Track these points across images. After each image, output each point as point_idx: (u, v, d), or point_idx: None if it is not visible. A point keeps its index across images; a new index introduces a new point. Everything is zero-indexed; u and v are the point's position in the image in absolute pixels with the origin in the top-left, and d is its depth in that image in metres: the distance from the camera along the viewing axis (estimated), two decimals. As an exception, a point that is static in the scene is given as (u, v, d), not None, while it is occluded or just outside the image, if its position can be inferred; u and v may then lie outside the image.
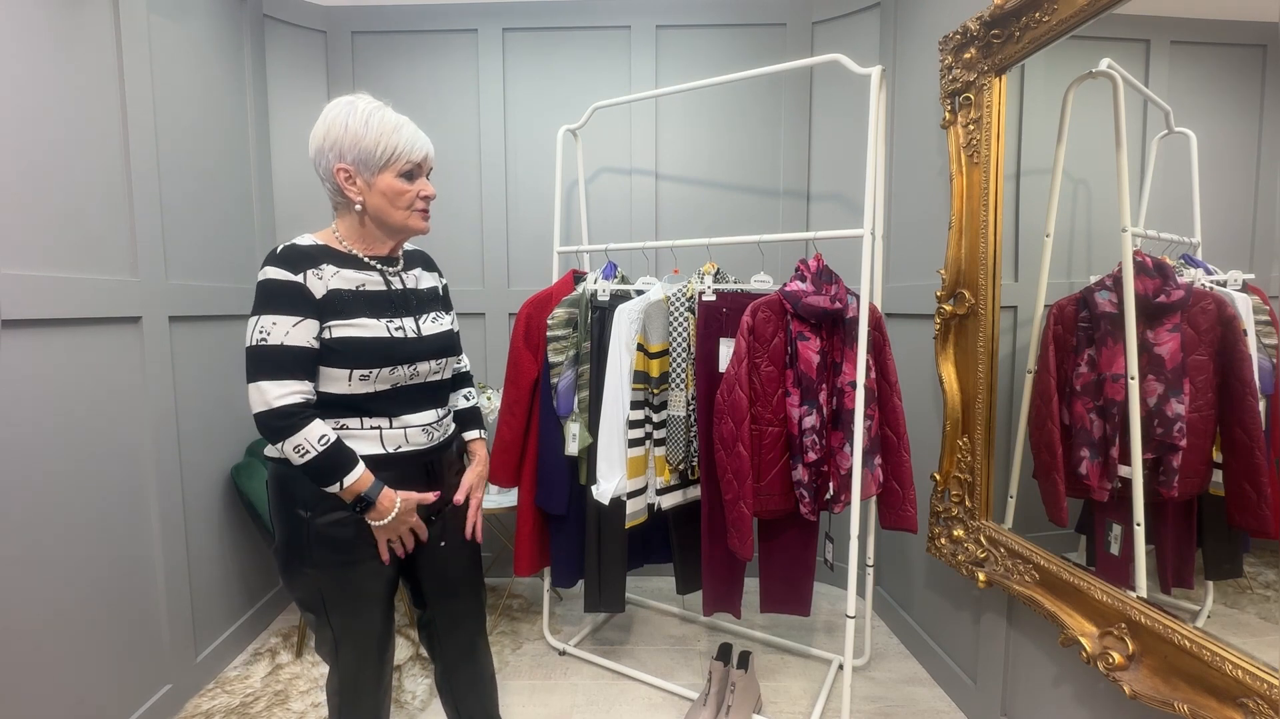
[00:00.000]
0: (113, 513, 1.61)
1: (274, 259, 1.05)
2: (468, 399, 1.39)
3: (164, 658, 1.78)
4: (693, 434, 1.80)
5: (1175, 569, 1.20)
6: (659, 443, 1.84)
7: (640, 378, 1.80)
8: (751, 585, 1.89)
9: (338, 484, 1.05)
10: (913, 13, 2.08)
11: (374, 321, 1.10)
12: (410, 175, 1.12)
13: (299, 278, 1.04)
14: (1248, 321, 1.07)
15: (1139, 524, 1.21)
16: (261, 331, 1.02)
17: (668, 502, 1.86)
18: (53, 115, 1.46)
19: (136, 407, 1.70)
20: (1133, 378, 1.20)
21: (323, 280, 1.07)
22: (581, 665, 2.07)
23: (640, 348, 1.80)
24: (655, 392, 1.82)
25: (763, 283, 1.82)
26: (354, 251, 1.14)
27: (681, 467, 1.83)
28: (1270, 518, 1.05)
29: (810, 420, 1.63)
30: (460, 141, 2.55)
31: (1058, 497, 1.42)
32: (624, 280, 2.05)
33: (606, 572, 1.90)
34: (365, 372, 1.09)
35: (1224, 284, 1.10)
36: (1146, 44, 1.21)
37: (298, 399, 1.03)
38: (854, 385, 1.59)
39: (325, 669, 2.00)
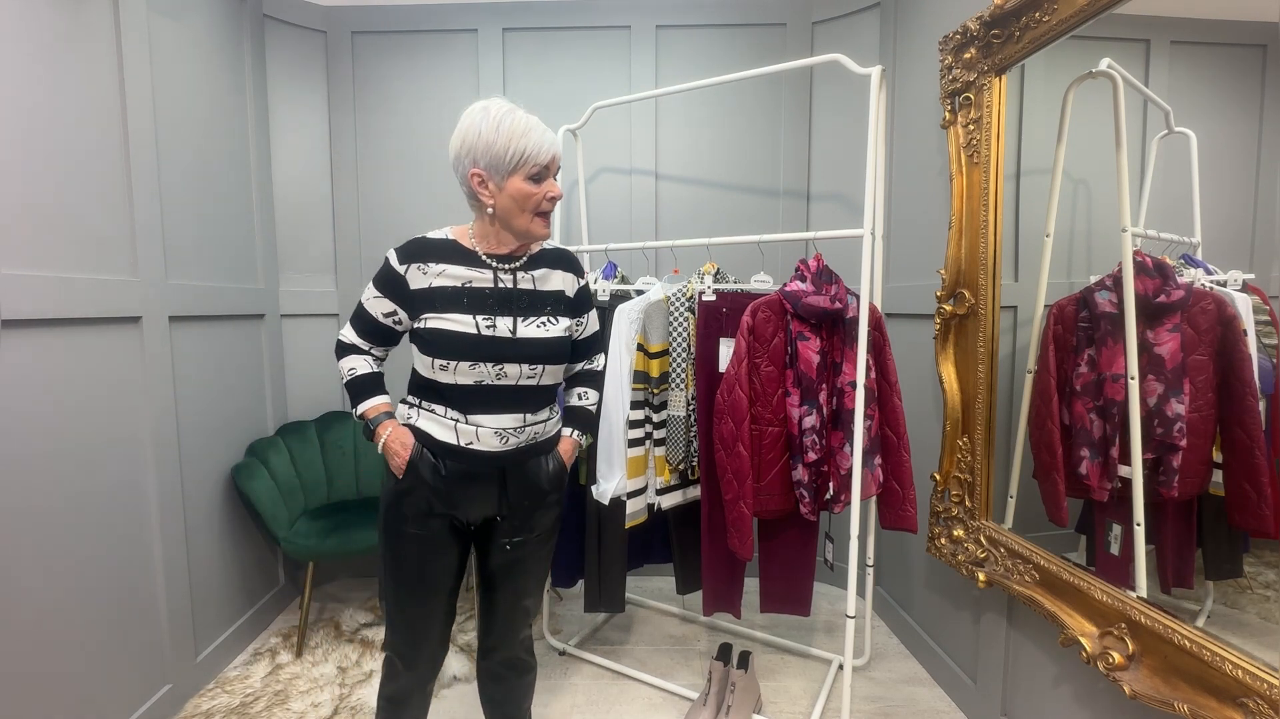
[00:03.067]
0: (113, 513, 1.61)
1: (400, 247, 1.18)
2: (579, 398, 1.39)
3: (164, 658, 1.78)
4: (693, 434, 1.80)
5: (1175, 569, 1.20)
6: (659, 443, 1.84)
7: (640, 378, 1.80)
8: (751, 585, 1.89)
9: (355, 407, 1.26)
10: (913, 13, 2.08)
11: (466, 317, 1.15)
12: (538, 178, 1.14)
13: (403, 269, 1.16)
14: (1248, 321, 1.07)
15: (1139, 524, 1.21)
16: (365, 291, 1.22)
17: (668, 502, 1.86)
18: (53, 115, 1.46)
19: (136, 407, 1.70)
20: (1133, 378, 1.20)
21: (426, 277, 1.16)
22: (581, 665, 2.07)
23: (640, 348, 1.80)
24: (655, 391, 1.82)
25: (763, 283, 1.82)
26: (476, 249, 1.19)
27: (681, 466, 1.83)
28: (1270, 518, 1.05)
29: (810, 420, 1.63)
30: (460, 141, 2.55)
31: (1058, 497, 1.42)
32: (624, 280, 2.06)
33: (606, 572, 1.90)
34: (444, 362, 1.15)
35: (1224, 284, 1.10)
36: (1146, 44, 1.21)
37: (347, 340, 1.26)
38: (854, 385, 1.59)
39: (325, 669, 2.00)
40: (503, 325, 1.17)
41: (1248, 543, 1.11)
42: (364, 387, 1.26)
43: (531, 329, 1.20)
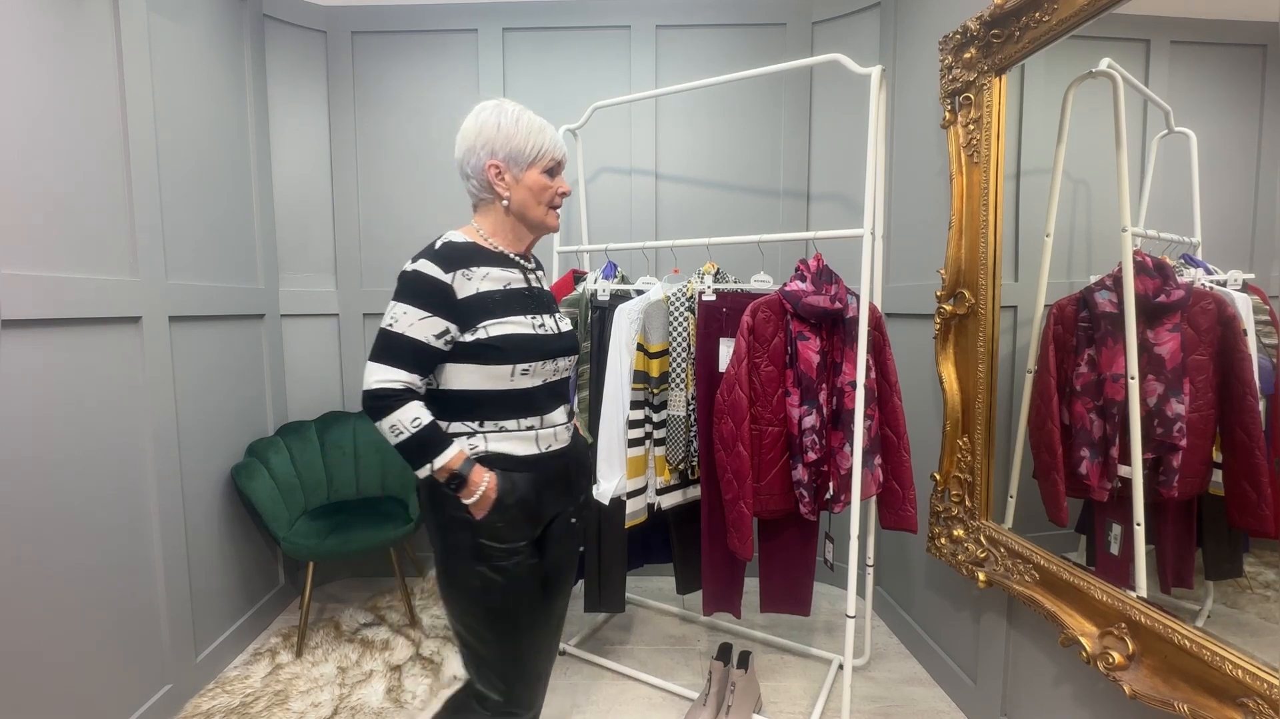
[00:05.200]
0: (113, 513, 1.61)
1: (432, 254, 1.09)
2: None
3: (164, 658, 1.78)
4: (693, 434, 1.80)
5: (1175, 569, 1.20)
6: (659, 443, 1.84)
7: (640, 378, 1.80)
8: (751, 585, 1.89)
9: (428, 465, 1.06)
10: (913, 13, 2.08)
11: (524, 318, 1.14)
12: (551, 173, 1.17)
13: (448, 278, 1.08)
14: (1248, 321, 1.07)
15: (1139, 524, 1.21)
16: (392, 317, 1.07)
17: (668, 501, 1.86)
18: (52, 115, 1.46)
19: (136, 407, 1.70)
20: (1133, 378, 1.20)
21: (471, 282, 1.10)
22: (581, 665, 2.07)
23: (640, 348, 1.80)
24: (655, 391, 1.82)
25: (763, 283, 1.82)
26: (501, 249, 1.17)
27: (681, 466, 1.83)
28: (1270, 518, 1.05)
29: (810, 420, 1.63)
30: (460, 141, 2.55)
31: (1058, 496, 1.42)
32: (624, 280, 2.05)
33: (606, 572, 1.90)
34: (526, 366, 1.11)
35: (1224, 284, 1.10)
36: (1146, 44, 1.21)
37: (397, 385, 1.05)
38: (854, 385, 1.59)
39: (324, 669, 2.00)
40: (549, 323, 1.18)
41: (1248, 543, 1.11)
42: (435, 435, 1.07)
43: (563, 324, 1.24)
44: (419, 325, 1.06)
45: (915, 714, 1.82)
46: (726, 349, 1.74)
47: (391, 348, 1.06)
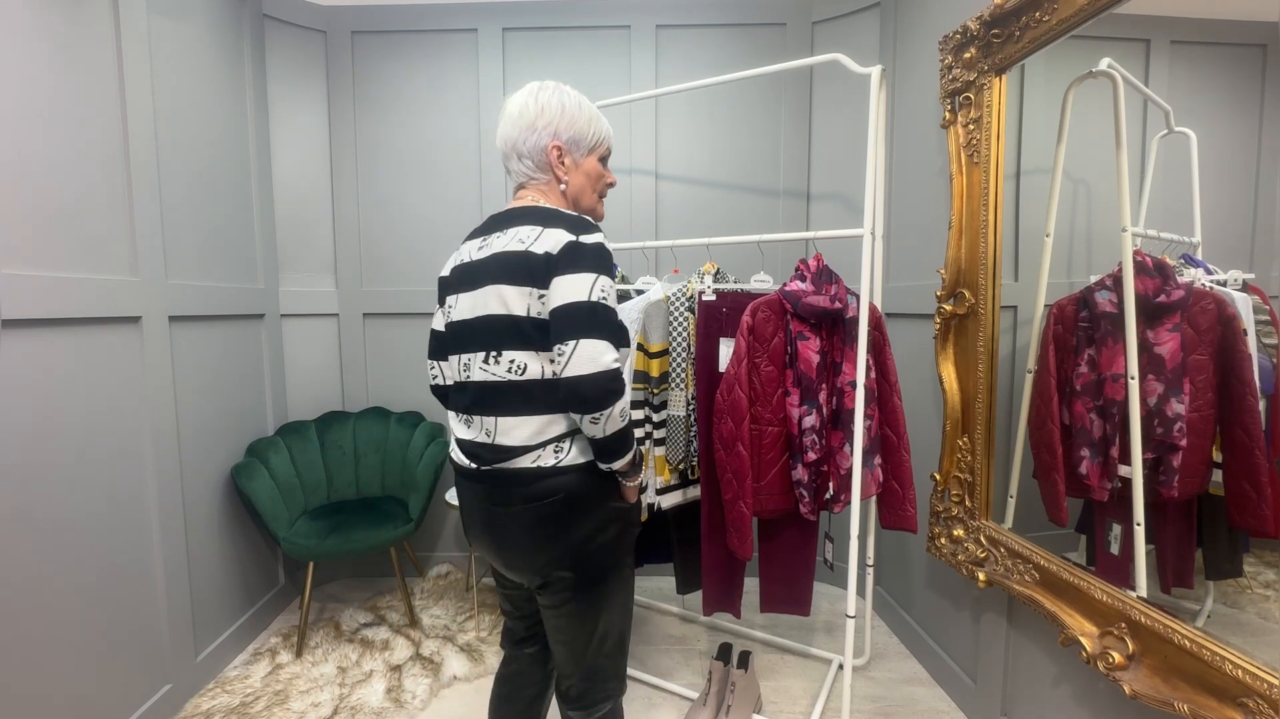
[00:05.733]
0: (113, 513, 1.61)
1: (595, 228, 1.01)
2: None
3: (164, 658, 1.78)
4: (693, 434, 1.80)
5: (1175, 569, 1.20)
6: (659, 442, 1.84)
7: (640, 377, 1.80)
8: (751, 585, 1.89)
9: (634, 446, 1.02)
10: (913, 12, 2.08)
11: None
12: (605, 161, 1.17)
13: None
14: (1248, 321, 1.07)
15: (1139, 524, 1.21)
16: (602, 291, 0.96)
17: (668, 501, 1.86)
18: (53, 115, 1.46)
19: (136, 406, 1.70)
20: (1133, 378, 1.20)
21: None
22: (581, 665, 2.06)
23: (640, 347, 1.80)
24: (655, 391, 1.82)
25: (763, 282, 1.82)
26: None
27: (681, 466, 1.83)
28: (1270, 518, 1.05)
29: (810, 420, 1.63)
30: (460, 141, 2.55)
31: (1058, 496, 1.42)
32: (624, 280, 2.06)
33: (606, 571, 1.90)
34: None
35: (1224, 284, 1.10)
36: (1147, 43, 1.21)
37: (620, 364, 0.97)
38: (854, 385, 1.59)
39: (324, 669, 2.00)
40: None
41: (1248, 543, 1.11)
42: None
43: None
44: (613, 299, 0.99)
45: (915, 714, 1.82)
46: (726, 349, 1.74)
47: (608, 324, 0.96)
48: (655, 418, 1.83)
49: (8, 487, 1.34)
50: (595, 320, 0.95)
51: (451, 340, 1.11)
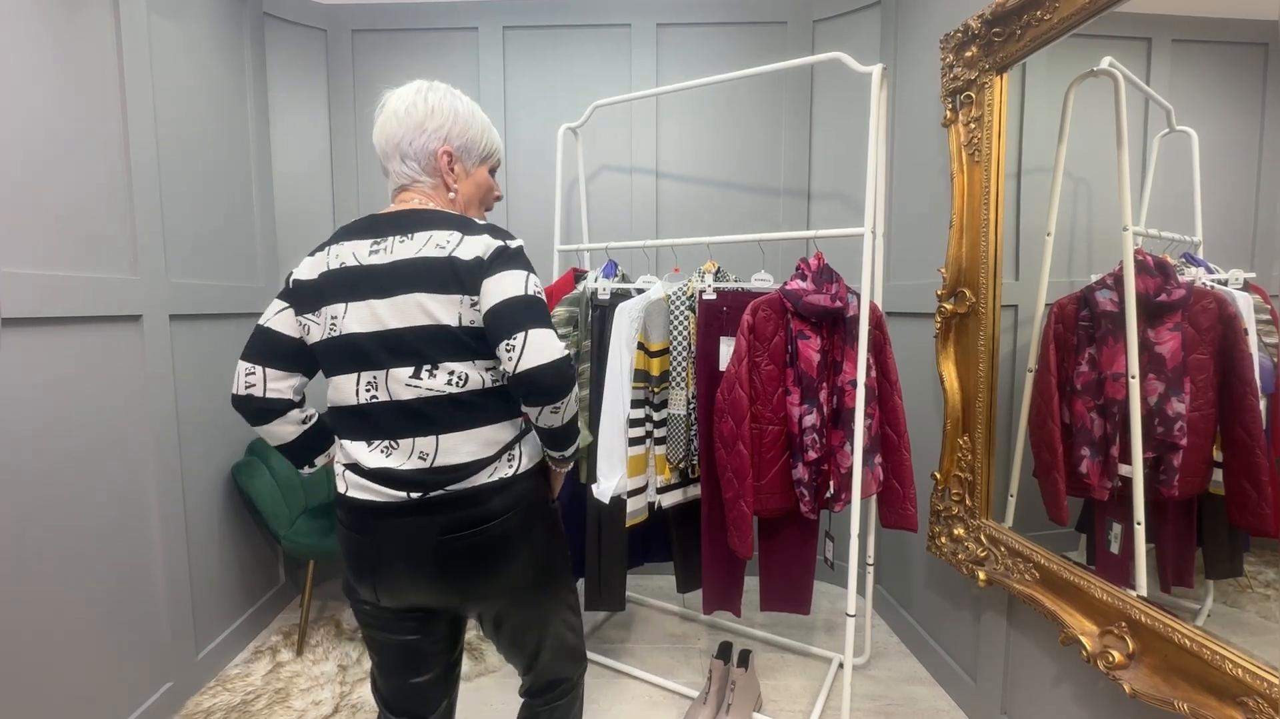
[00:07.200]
0: (113, 511, 1.62)
1: (514, 236, 0.99)
2: None
3: (165, 656, 1.78)
4: (693, 433, 1.80)
5: (1175, 568, 1.20)
6: (659, 441, 1.84)
7: (641, 376, 1.80)
8: (752, 584, 1.89)
9: (579, 437, 1.04)
10: (914, 11, 2.08)
11: None
12: (494, 173, 1.13)
13: None
14: (1249, 320, 1.07)
15: (1139, 523, 1.21)
16: (536, 287, 0.94)
17: (668, 500, 1.86)
18: (53, 114, 1.46)
19: (137, 405, 1.70)
20: (1133, 377, 1.20)
21: None
22: (582, 664, 2.07)
23: (641, 346, 1.79)
24: (656, 390, 1.82)
25: (763, 281, 1.82)
26: None
27: (682, 465, 1.83)
28: (1270, 517, 1.05)
29: (810, 419, 1.63)
30: (461, 140, 2.55)
31: (1058, 495, 1.42)
32: (624, 279, 2.05)
33: (607, 570, 1.90)
34: None
35: (1225, 283, 1.10)
36: (1148, 42, 1.21)
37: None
38: (854, 384, 1.59)
39: (325, 668, 2.00)
40: None
41: (1248, 542, 1.11)
42: None
43: None
44: (544, 301, 0.96)
45: (915, 713, 1.82)
46: (727, 348, 1.74)
47: (547, 317, 0.93)
48: (656, 417, 1.83)
49: (8, 486, 1.34)
50: (534, 312, 0.91)
51: (343, 357, 0.96)
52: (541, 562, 1.06)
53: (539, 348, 0.88)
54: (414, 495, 0.94)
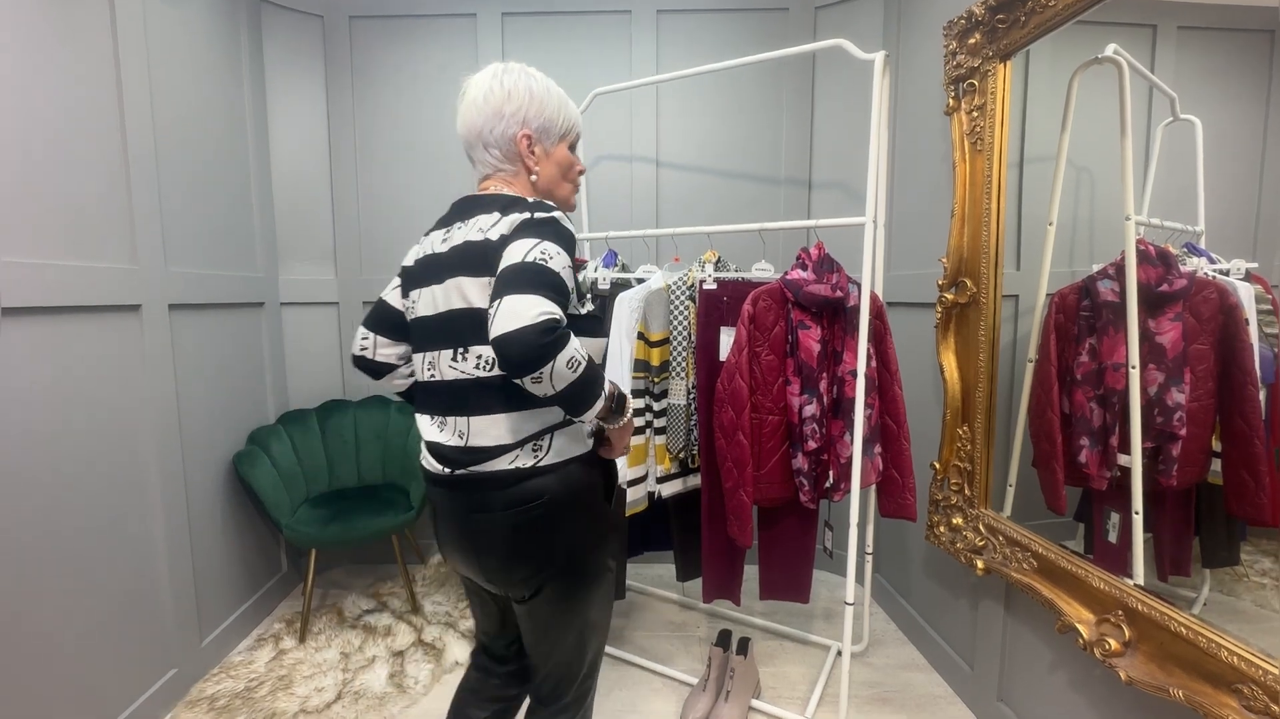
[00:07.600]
0: (115, 501, 1.62)
1: (554, 208, 0.96)
2: None
3: (169, 643, 1.79)
4: (693, 422, 1.80)
5: (1173, 557, 1.21)
6: (659, 431, 1.84)
7: (641, 366, 1.80)
8: (751, 573, 1.91)
9: (602, 395, 0.89)
10: (917, -3, 2.06)
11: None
12: (574, 148, 1.11)
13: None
14: (1250, 311, 1.07)
15: (1137, 512, 1.21)
16: (543, 253, 0.87)
17: (668, 490, 1.87)
18: (49, 102, 1.45)
19: (137, 395, 1.70)
20: (1134, 367, 1.20)
21: None
22: (582, 651, 2.08)
23: (641, 336, 1.79)
24: (656, 380, 1.82)
25: (764, 271, 1.82)
26: None
27: (682, 455, 1.84)
28: (1268, 507, 1.06)
29: (810, 409, 1.64)
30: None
31: (1057, 485, 1.42)
32: (624, 268, 2.05)
33: (607, 559, 1.91)
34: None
35: (1227, 273, 1.10)
36: (1153, 29, 1.20)
37: (557, 315, 0.82)
38: (854, 374, 1.59)
39: (328, 655, 2.02)
40: None
41: (1245, 531, 1.11)
42: (597, 367, 0.93)
43: None
44: (567, 272, 0.89)
45: (913, 699, 1.84)
46: (727, 338, 1.74)
47: (547, 282, 0.84)
48: (656, 406, 1.84)
49: (9, 476, 1.34)
50: (523, 278, 0.84)
51: (417, 336, 1.05)
52: (566, 565, 1.01)
53: (509, 314, 0.80)
54: (449, 471, 1.00)
